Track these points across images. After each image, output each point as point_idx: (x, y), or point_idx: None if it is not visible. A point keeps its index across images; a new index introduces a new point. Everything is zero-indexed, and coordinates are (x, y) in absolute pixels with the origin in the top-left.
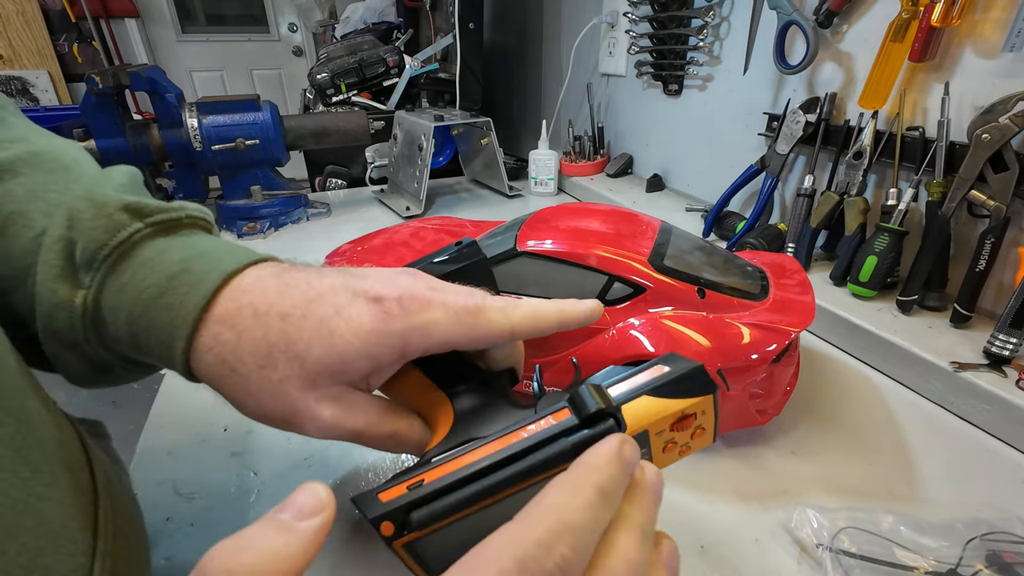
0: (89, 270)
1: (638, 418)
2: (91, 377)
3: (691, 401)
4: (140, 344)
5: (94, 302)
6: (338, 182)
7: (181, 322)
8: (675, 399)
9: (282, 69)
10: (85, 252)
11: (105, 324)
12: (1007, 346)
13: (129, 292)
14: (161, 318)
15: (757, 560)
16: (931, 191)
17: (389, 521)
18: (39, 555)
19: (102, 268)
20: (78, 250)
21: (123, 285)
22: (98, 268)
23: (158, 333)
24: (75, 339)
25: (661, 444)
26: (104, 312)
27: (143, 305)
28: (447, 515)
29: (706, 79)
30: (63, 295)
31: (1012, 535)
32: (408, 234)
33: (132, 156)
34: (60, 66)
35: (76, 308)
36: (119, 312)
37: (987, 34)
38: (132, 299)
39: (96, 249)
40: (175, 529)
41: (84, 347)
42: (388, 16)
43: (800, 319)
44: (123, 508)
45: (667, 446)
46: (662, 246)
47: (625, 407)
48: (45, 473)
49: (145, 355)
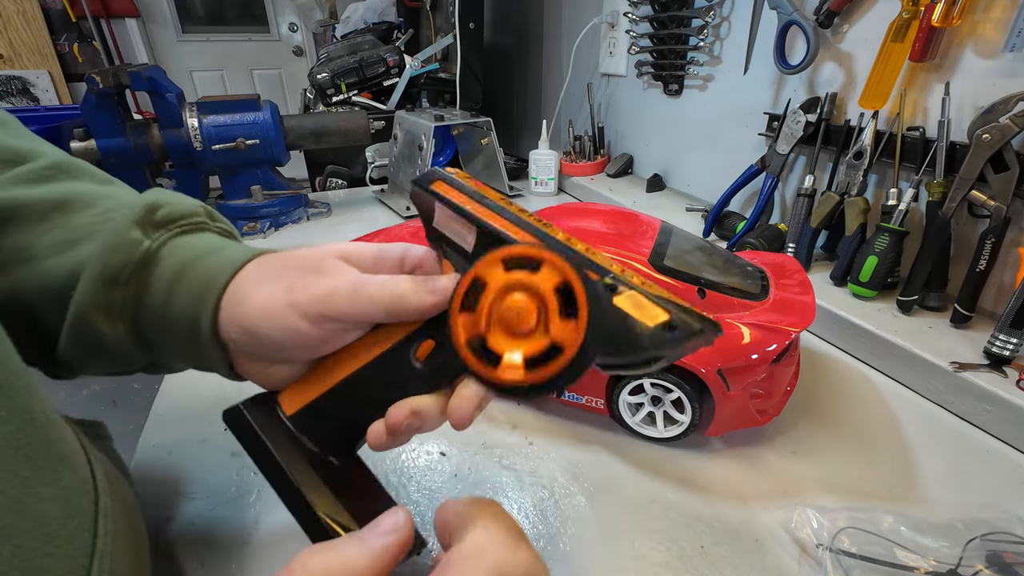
0: (162, 228)
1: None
2: (93, 328)
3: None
4: (178, 288)
5: (156, 250)
6: (338, 182)
7: (230, 263)
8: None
9: (282, 69)
10: (166, 216)
11: (154, 271)
12: (1007, 346)
13: (188, 248)
14: (212, 263)
15: (757, 560)
16: (931, 191)
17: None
18: (36, 555)
19: (174, 230)
20: (159, 212)
21: (183, 245)
22: (171, 229)
23: (204, 274)
24: (119, 276)
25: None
26: (159, 258)
27: (195, 256)
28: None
29: (706, 79)
30: (135, 236)
31: (1012, 535)
32: (408, 234)
33: (132, 156)
34: (60, 66)
35: (140, 246)
36: (171, 260)
37: (988, 34)
38: (187, 252)
39: (176, 218)
40: (175, 529)
41: (122, 288)
42: (388, 16)
43: (800, 319)
44: (123, 508)
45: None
46: (662, 246)
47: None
48: (46, 472)
49: (176, 300)
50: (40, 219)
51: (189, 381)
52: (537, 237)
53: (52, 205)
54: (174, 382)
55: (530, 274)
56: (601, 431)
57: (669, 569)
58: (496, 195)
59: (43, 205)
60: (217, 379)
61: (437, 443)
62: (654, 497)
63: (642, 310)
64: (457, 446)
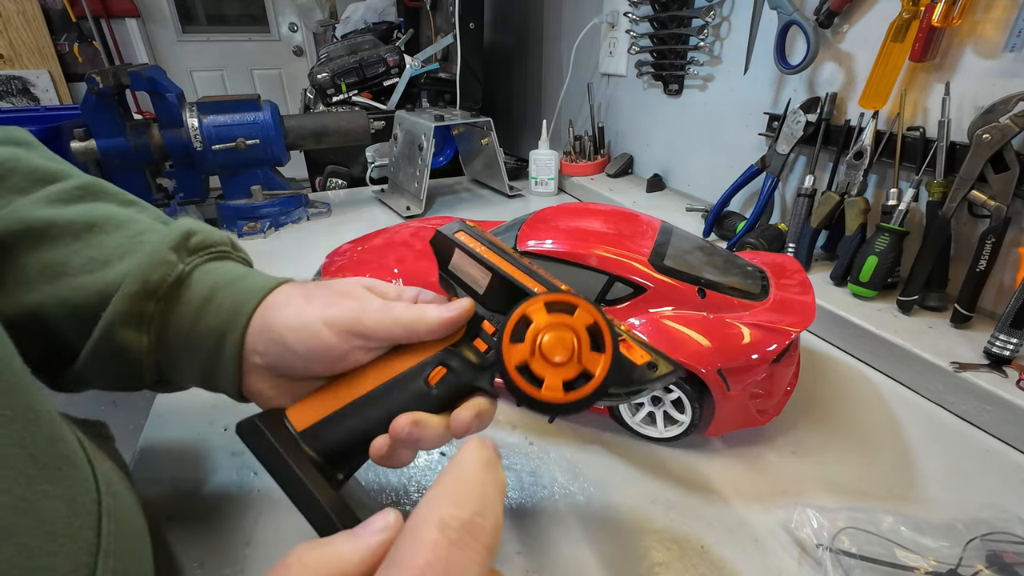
0: (195, 254)
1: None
2: (119, 338)
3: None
4: (210, 308)
5: (190, 272)
6: (338, 182)
7: (262, 286)
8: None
9: (282, 69)
10: (199, 243)
11: (187, 289)
12: (1007, 346)
13: (219, 272)
14: (244, 286)
15: (757, 560)
16: (932, 191)
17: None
18: (39, 554)
19: (206, 257)
20: (193, 239)
21: (213, 270)
22: (203, 256)
23: (237, 295)
24: (155, 290)
25: None
26: (192, 280)
27: (228, 279)
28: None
29: (706, 79)
30: (172, 258)
31: (1012, 535)
32: (408, 234)
33: (133, 156)
34: (61, 66)
35: (176, 268)
36: (204, 282)
37: (988, 34)
38: (220, 275)
39: (208, 245)
40: (175, 529)
41: (155, 302)
42: (388, 16)
43: (800, 319)
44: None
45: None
46: (662, 246)
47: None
48: (51, 470)
49: (206, 321)
50: (72, 239)
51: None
52: (542, 284)
53: (84, 226)
54: None
55: (567, 316)
56: (601, 431)
57: (669, 569)
58: (507, 248)
59: (75, 226)
60: None
61: None
62: (654, 497)
63: (632, 352)
64: (457, 446)
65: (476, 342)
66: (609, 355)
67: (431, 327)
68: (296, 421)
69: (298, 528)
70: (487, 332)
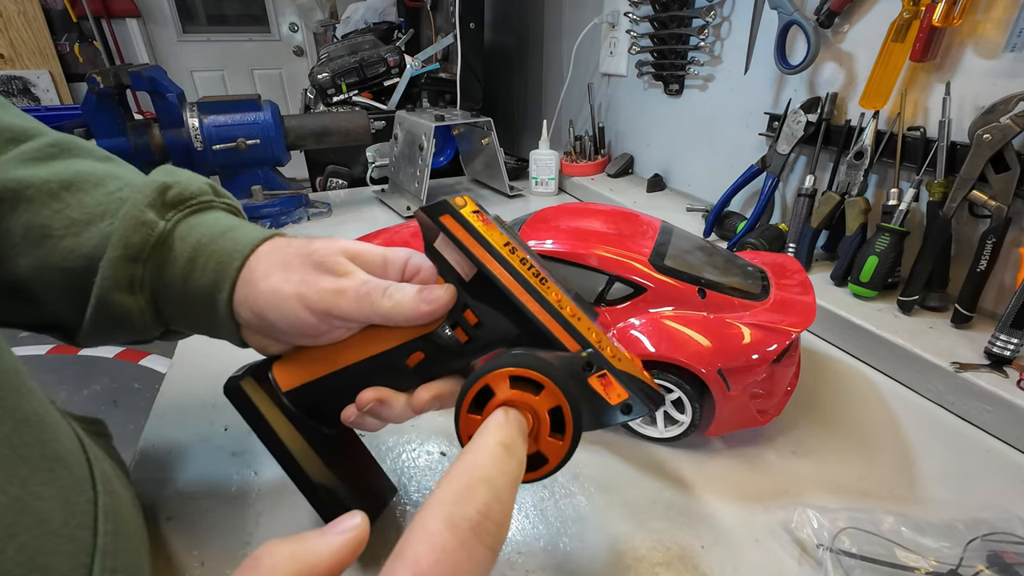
0: (174, 208)
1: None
2: (114, 301)
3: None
4: (196, 268)
5: (171, 230)
6: (339, 182)
7: (243, 245)
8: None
9: (283, 69)
10: (177, 196)
11: (171, 249)
12: (1008, 346)
13: (201, 228)
14: (226, 245)
15: (757, 560)
16: (932, 191)
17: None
18: (38, 554)
19: (185, 211)
20: (170, 193)
21: (196, 224)
22: (182, 209)
23: (220, 254)
24: (139, 253)
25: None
26: (175, 239)
27: (211, 235)
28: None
29: (707, 79)
30: (150, 217)
31: (1013, 536)
32: (409, 234)
33: (133, 156)
34: (61, 66)
35: (156, 228)
36: (187, 241)
37: (988, 34)
38: (202, 232)
39: (187, 197)
40: (176, 528)
41: (141, 264)
42: (389, 16)
43: (801, 319)
44: (123, 507)
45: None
46: (663, 246)
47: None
48: (44, 472)
49: (193, 281)
50: (49, 199)
51: (189, 381)
52: (530, 293)
53: (60, 185)
54: (174, 382)
55: (531, 395)
56: (601, 431)
57: (669, 569)
58: (500, 239)
59: (51, 185)
60: (217, 380)
61: (437, 443)
62: (654, 497)
63: (609, 390)
64: (457, 446)
65: (457, 331)
66: (567, 443)
67: (408, 318)
68: (281, 380)
69: (298, 527)
70: (469, 323)
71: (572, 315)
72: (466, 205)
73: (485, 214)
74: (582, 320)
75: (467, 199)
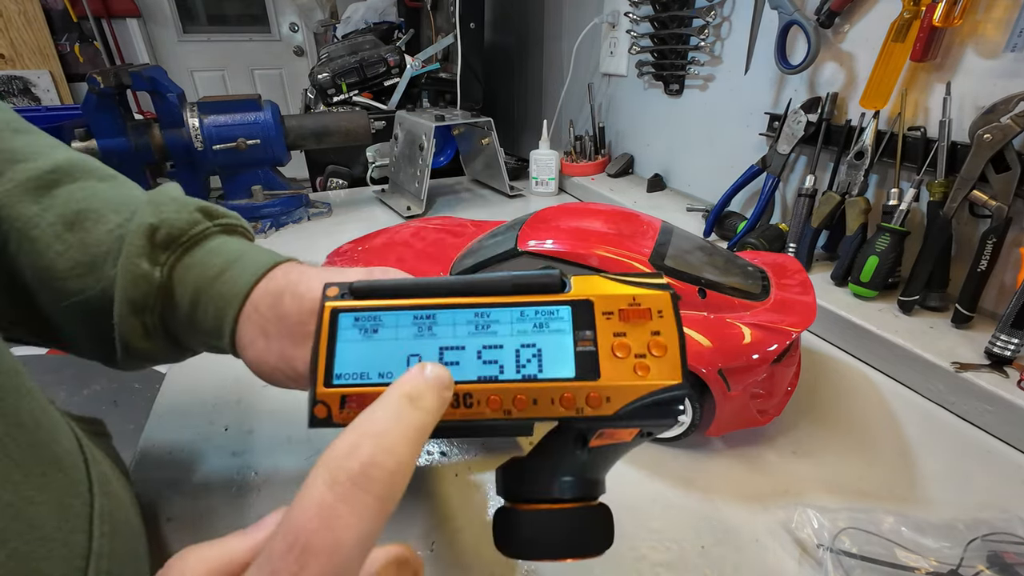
0: (166, 251)
1: (584, 284)
2: (136, 346)
3: (643, 291)
4: (198, 313)
5: (168, 276)
6: (339, 182)
7: (238, 291)
8: (626, 285)
9: (283, 69)
10: (166, 237)
11: (173, 295)
12: (1008, 346)
13: (197, 270)
14: (222, 290)
15: (757, 560)
16: (932, 191)
17: (335, 286)
18: (30, 559)
19: (178, 251)
20: (159, 235)
21: (192, 265)
22: (174, 251)
23: (217, 301)
24: (145, 305)
25: (609, 336)
26: (174, 284)
27: (207, 280)
28: (387, 295)
29: (707, 79)
30: (145, 269)
31: (1013, 536)
32: (409, 234)
33: (133, 156)
34: (62, 66)
35: (153, 280)
36: (186, 285)
37: (989, 34)
38: (198, 275)
39: (176, 236)
40: (176, 529)
41: (149, 313)
42: (389, 16)
43: (801, 319)
44: (120, 508)
45: (618, 344)
46: (663, 246)
47: (575, 277)
48: (37, 476)
49: (199, 324)
50: (53, 239)
51: (189, 381)
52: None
53: (64, 225)
54: (174, 382)
55: None
56: None
57: (669, 569)
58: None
59: (55, 227)
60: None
61: (437, 443)
62: (654, 497)
63: (617, 435)
64: (457, 446)
65: None
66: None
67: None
68: None
69: None
70: None
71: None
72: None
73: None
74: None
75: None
